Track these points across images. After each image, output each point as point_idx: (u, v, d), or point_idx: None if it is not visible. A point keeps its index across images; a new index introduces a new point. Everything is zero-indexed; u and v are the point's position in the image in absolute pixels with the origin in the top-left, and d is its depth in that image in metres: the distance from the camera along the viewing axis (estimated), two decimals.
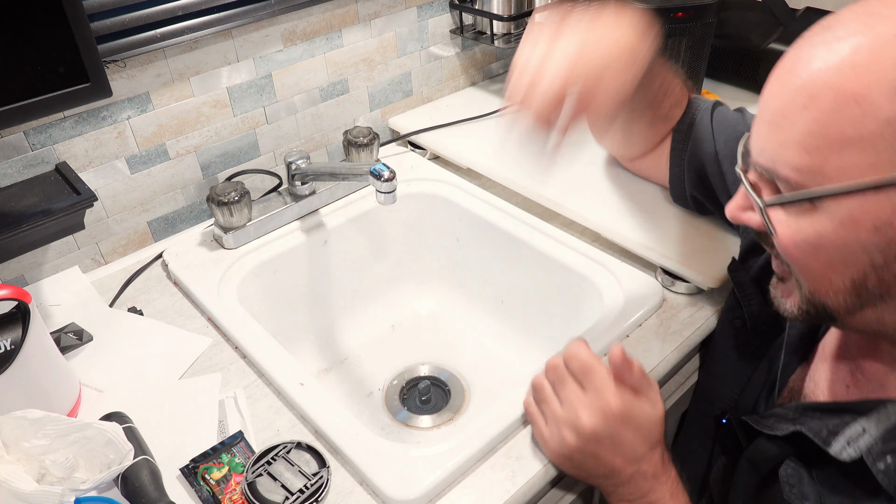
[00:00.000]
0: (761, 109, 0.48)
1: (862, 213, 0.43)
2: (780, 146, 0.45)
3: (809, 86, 0.43)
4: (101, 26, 0.76)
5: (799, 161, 0.44)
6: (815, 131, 0.43)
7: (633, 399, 0.58)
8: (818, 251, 0.47)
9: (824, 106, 0.42)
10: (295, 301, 0.94)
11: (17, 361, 0.58)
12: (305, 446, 0.61)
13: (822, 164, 0.44)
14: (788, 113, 0.45)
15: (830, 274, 0.47)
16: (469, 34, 1.13)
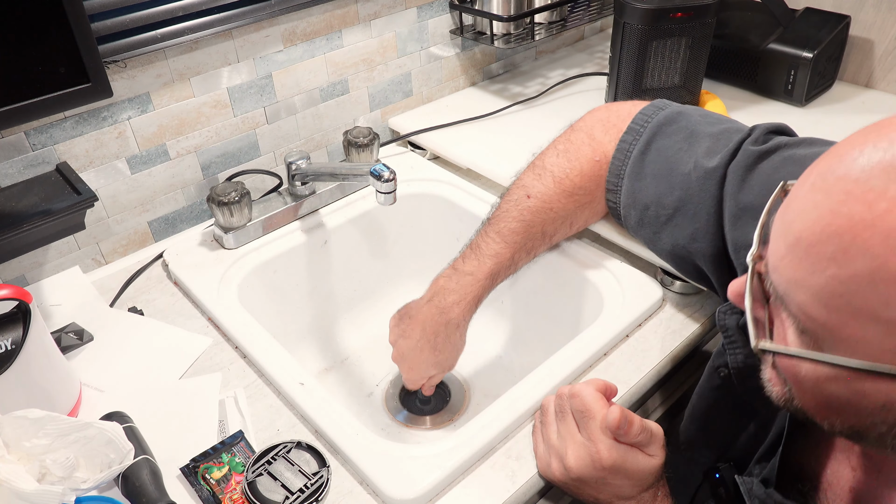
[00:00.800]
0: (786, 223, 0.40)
1: (874, 391, 0.38)
2: (795, 285, 0.39)
3: (847, 236, 0.35)
4: (101, 27, 0.76)
5: (814, 311, 0.38)
6: (840, 293, 0.36)
7: (627, 452, 0.56)
8: (817, 394, 0.42)
9: (857, 273, 0.35)
10: (295, 301, 0.94)
11: (17, 361, 0.58)
12: (305, 446, 0.61)
13: (839, 328, 0.37)
14: (813, 254, 0.37)
15: (829, 414, 0.42)
16: (469, 34, 1.13)
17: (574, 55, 1.32)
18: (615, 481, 0.57)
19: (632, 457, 0.56)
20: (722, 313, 0.59)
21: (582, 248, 0.85)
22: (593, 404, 0.57)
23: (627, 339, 0.74)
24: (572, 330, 0.83)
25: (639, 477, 0.57)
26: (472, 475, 0.61)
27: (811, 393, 0.42)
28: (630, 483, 0.57)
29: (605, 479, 0.57)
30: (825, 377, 0.39)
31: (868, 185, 0.35)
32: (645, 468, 0.57)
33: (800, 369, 0.41)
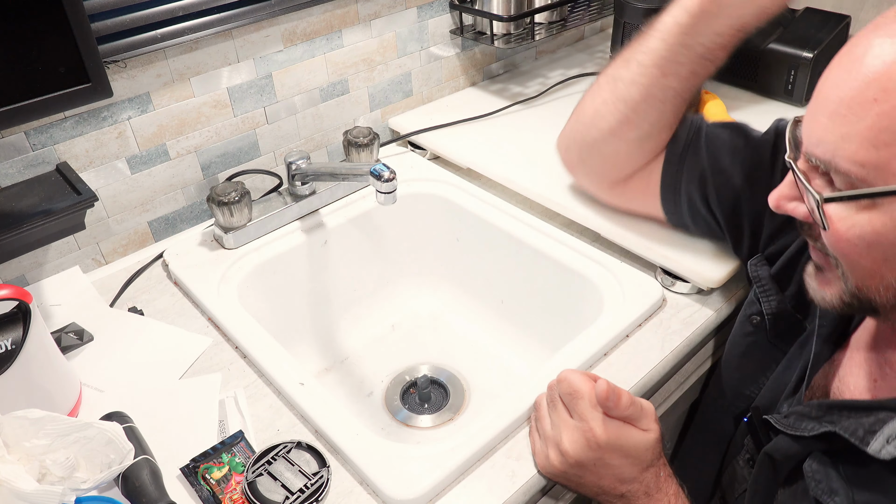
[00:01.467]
0: (821, 98, 0.46)
1: None
2: (842, 139, 0.44)
3: (883, 78, 0.41)
4: (101, 27, 0.76)
5: (864, 156, 0.43)
6: (887, 127, 0.41)
7: (620, 428, 0.56)
8: (873, 248, 0.45)
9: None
10: (295, 301, 0.94)
11: (17, 361, 0.58)
12: (305, 446, 0.61)
13: (888, 162, 0.42)
14: (856, 105, 0.43)
15: (883, 270, 0.46)
16: (469, 34, 1.13)
17: (574, 55, 1.32)
18: (613, 461, 0.56)
19: (626, 432, 0.56)
20: (754, 265, 0.66)
21: (582, 248, 0.85)
22: (580, 384, 0.58)
23: (627, 339, 0.74)
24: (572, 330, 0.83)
25: (636, 454, 0.57)
26: (472, 475, 0.61)
27: (866, 252, 0.46)
28: (629, 462, 0.57)
29: (603, 460, 0.56)
30: (880, 224, 0.44)
31: (890, 37, 0.42)
32: (640, 443, 0.57)
33: (854, 226, 0.45)
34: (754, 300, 0.67)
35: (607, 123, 0.75)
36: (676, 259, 0.78)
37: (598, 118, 0.76)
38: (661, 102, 0.71)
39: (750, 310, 0.69)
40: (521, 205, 0.94)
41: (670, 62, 0.68)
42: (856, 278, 0.48)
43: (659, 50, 0.68)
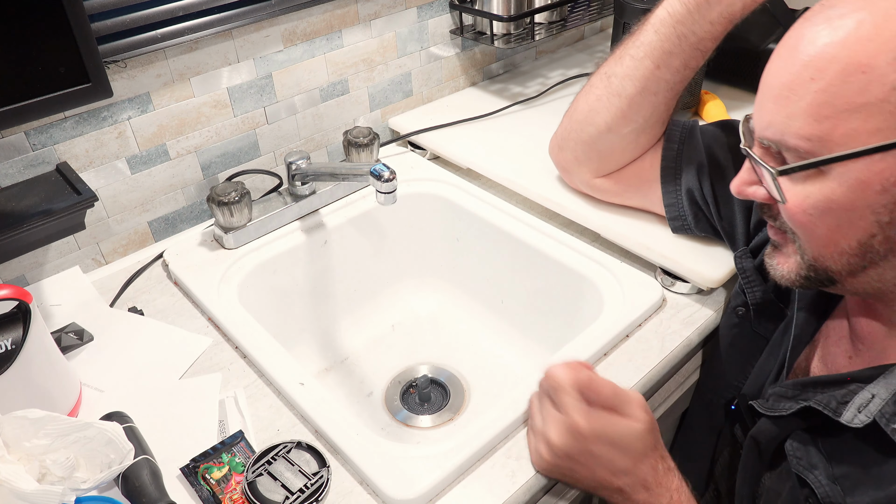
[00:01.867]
0: (765, 87, 0.51)
1: (870, 175, 0.46)
2: (788, 118, 0.48)
3: (816, 60, 0.47)
4: (101, 27, 0.76)
5: (808, 130, 0.47)
6: (824, 101, 0.46)
7: (605, 417, 0.56)
8: (826, 215, 0.49)
9: (832, 77, 0.46)
10: (295, 301, 0.94)
11: (17, 361, 0.58)
12: (305, 446, 0.61)
13: (830, 132, 0.47)
14: (796, 86, 0.48)
15: (837, 237, 0.50)
16: (469, 34, 1.13)
17: (574, 55, 1.32)
18: (602, 452, 0.56)
19: (610, 421, 0.56)
20: (739, 257, 0.70)
21: (582, 248, 0.85)
22: (561, 376, 0.58)
23: (627, 339, 0.74)
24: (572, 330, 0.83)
25: (624, 443, 0.56)
26: (472, 475, 0.61)
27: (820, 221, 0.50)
28: (618, 452, 0.56)
29: (590, 450, 0.56)
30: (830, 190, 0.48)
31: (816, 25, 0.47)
32: (627, 432, 0.56)
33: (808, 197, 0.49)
34: (739, 292, 0.70)
35: (602, 119, 0.77)
36: (676, 259, 0.78)
37: (592, 114, 0.77)
38: (654, 95, 0.73)
39: (735, 301, 0.72)
40: (521, 205, 0.94)
41: (664, 53, 0.70)
42: (812, 248, 0.52)
43: (652, 42, 0.71)
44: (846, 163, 0.47)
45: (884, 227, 0.48)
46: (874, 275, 0.51)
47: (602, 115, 0.77)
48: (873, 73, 0.45)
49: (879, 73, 0.44)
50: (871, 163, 0.46)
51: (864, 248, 0.50)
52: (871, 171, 0.46)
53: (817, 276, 0.54)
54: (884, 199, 0.47)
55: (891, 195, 0.47)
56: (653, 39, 0.71)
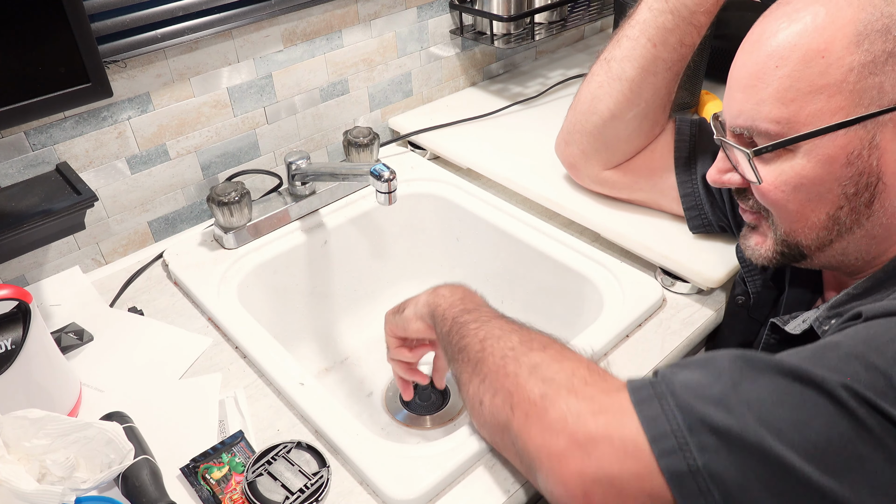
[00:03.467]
0: (733, 80, 0.56)
1: (835, 150, 0.51)
2: (757, 105, 0.53)
3: (779, 49, 0.52)
4: (101, 27, 0.76)
5: (776, 114, 0.52)
6: (789, 86, 0.51)
7: None
8: (797, 191, 0.54)
9: (794, 63, 0.51)
10: (295, 301, 0.94)
11: (17, 361, 0.58)
12: (305, 446, 0.61)
13: (797, 113, 0.51)
14: (762, 75, 0.52)
15: (807, 212, 0.55)
16: (469, 34, 1.13)
17: (574, 55, 1.32)
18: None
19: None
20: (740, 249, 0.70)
21: (582, 248, 0.85)
22: None
23: (627, 339, 0.74)
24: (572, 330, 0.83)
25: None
26: (471, 475, 0.61)
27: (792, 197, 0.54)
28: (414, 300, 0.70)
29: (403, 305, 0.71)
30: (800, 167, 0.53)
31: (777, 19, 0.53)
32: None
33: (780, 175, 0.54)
34: (739, 281, 0.73)
35: (605, 105, 0.78)
36: (676, 259, 0.78)
37: (595, 102, 0.79)
38: (654, 75, 0.74)
39: (735, 291, 0.74)
40: (521, 205, 0.94)
41: (658, 29, 0.72)
42: (785, 224, 0.57)
43: (647, 19, 0.73)
44: (813, 140, 0.51)
45: (850, 199, 0.53)
46: (839, 248, 0.56)
47: (605, 101, 0.77)
48: (831, 57, 0.49)
49: (837, 56, 0.49)
50: (835, 138, 0.51)
51: (832, 220, 0.54)
52: (836, 146, 0.51)
53: (790, 252, 0.58)
54: (849, 172, 0.52)
55: (855, 168, 0.51)
56: (647, 17, 0.73)
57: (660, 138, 0.82)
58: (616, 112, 0.77)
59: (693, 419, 0.44)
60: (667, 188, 0.82)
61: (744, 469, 0.42)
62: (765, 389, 0.44)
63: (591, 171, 0.85)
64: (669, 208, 0.83)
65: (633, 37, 0.74)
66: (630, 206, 0.87)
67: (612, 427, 0.46)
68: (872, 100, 0.50)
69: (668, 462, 0.44)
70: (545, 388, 0.51)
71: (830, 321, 0.55)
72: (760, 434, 0.42)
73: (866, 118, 0.50)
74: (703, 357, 0.49)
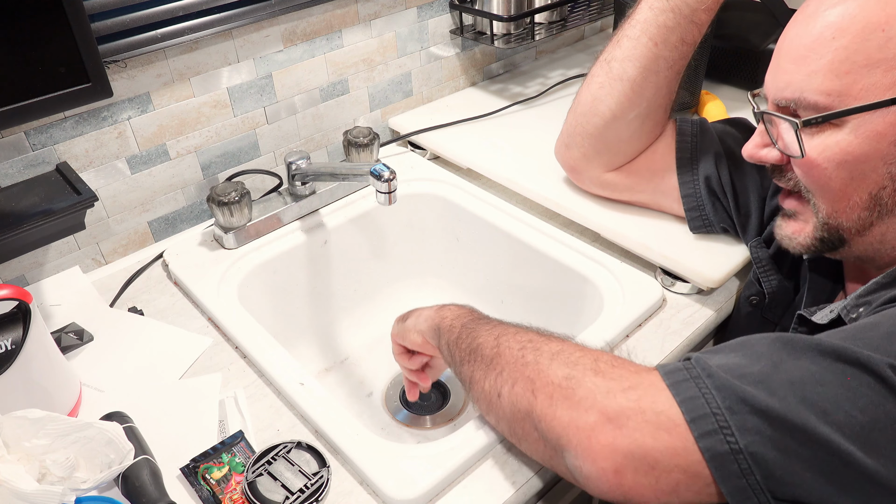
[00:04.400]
0: (783, 51, 0.54)
1: (885, 127, 0.50)
2: (808, 76, 0.52)
3: (838, 21, 0.50)
4: (101, 26, 0.76)
5: (829, 86, 0.51)
6: (845, 58, 0.50)
7: None
8: (840, 168, 0.53)
9: (853, 35, 0.49)
10: (295, 301, 0.94)
11: (17, 361, 0.58)
12: (305, 446, 0.61)
13: (850, 86, 0.50)
14: (817, 46, 0.51)
15: (850, 190, 0.53)
16: (469, 34, 1.13)
17: (574, 55, 1.32)
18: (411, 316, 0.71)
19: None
20: (754, 247, 0.71)
21: (582, 248, 0.85)
22: None
23: (627, 339, 0.74)
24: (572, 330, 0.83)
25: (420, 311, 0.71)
26: (472, 475, 0.61)
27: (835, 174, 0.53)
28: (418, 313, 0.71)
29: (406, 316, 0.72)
30: (846, 143, 0.51)
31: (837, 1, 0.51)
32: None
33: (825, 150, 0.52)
34: (753, 281, 0.72)
35: (606, 106, 0.77)
36: (676, 259, 0.78)
37: (596, 103, 0.78)
38: (655, 74, 0.74)
39: (748, 291, 0.74)
40: (521, 205, 0.94)
41: (660, 28, 0.71)
42: (827, 204, 0.55)
43: (648, 18, 0.72)
44: (864, 115, 0.50)
45: (894, 180, 0.51)
46: (878, 233, 0.55)
47: (606, 101, 0.77)
48: (892, 31, 0.48)
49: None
50: (886, 114, 0.50)
51: (874, 200, 0.53)
52: (886, 123, 0.50)
53: (829, 238, 0.57)
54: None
55: None
56: (648, 16, 0.72)
57: (660, 139, 0.81)
58: (618, 113, 0.76)
59: (733, 399, 0.43)
60: (668, 189, 0.81)
61: (787, 450, 0.42)
62: (807, 369, 0.43)
63: (592, 174, 0.85)
64: (670, 209, 0.83)
65: (633, 36, 0.73)
66: (630, 207, 0.87)
67: (645, 401, 0.46)
68: None
69: (708, 443, 0.43)
70: (569, 370, 0.50)
71: (859, 309, 0.54)
72: (804, 414, 0.41)
73: None
74: (736, 342, 0.48)
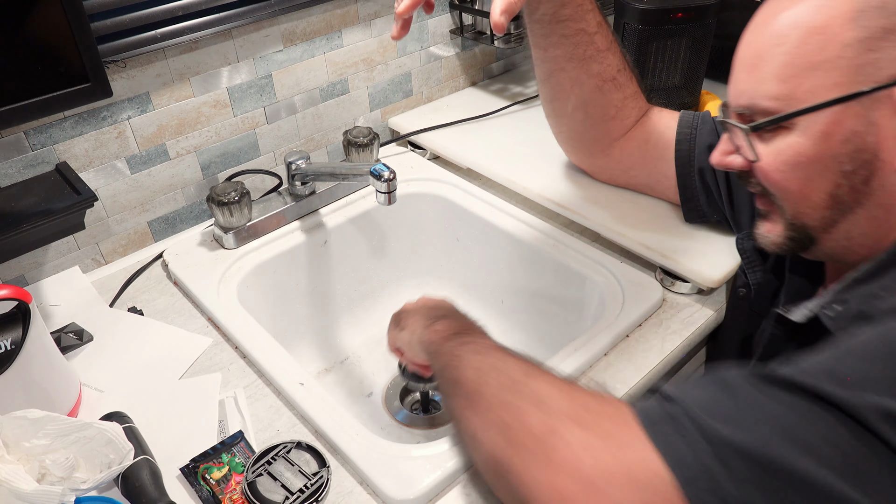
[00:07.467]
0: (737, 61, 0.57)
1: (832, 127, 0.51)
2: (758, 83, 0.54)
3: (781, 28, 0.53)
4: (101, 26, 0.76)
5: (776, 90, 0.53)
6: (788, 62, 0.52)
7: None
8: (797, 169, 0.54)
9: (794, 40, 0.52)
10: (295, 301, 0.94)
11: (17, 361, 0.58)
12: (305, 446, 0.61)
13: (795, 90, 0.52)
14: (763, 54, 0.53)
15: (809, 191, 0.55)
16: (469, 34, 1.13)
17: None
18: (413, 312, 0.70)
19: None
20: (740, 240, 0.72)
21: (582, 249, 0.85)
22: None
23: (627, 338, 0.74)
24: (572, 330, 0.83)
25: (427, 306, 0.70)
26: (472, 475, 0.61)
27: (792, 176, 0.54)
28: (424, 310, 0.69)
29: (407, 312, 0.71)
30: (797, 144, 0.53)
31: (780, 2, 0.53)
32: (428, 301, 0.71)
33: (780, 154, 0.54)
34: (741, 273, 0.73)
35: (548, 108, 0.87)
36: (676, 259, 0.78)
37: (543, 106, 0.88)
38: (562, 70, 0.81)
39: (737, 283, 0.75)
40: (521, 205, 0.94)
41: (539, 37, 0.80)
42: (789, 205, 0.57)
43: (531, 35, 0.81)
44: (810, 116, 0.52)
45: (848, 177, 0.52)
46: (843, 230, 0.56)
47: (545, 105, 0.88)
48: (829, 34, 0.50)
49: (834, 33, 0.50)
50: (832, 114, 0.51)
51: (833, 199, 0.54)
52: (832, 122, 0.51)
53: (798, 236, 0.58)
54: (846, 149, 0.51)
55: (852, 144, 0.51)
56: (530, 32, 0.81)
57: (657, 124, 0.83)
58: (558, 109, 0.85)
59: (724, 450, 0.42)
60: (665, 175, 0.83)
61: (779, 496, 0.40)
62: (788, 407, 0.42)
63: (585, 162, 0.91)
64: (664, 194, 0.85)
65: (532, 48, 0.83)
66: (630, 206, 0.87)
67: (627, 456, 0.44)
68: (869, 76, 0.50)
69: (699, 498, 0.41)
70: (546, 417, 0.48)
71: (836, 307, 0.54)
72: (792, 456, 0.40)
73: (862, 94, 0.50)
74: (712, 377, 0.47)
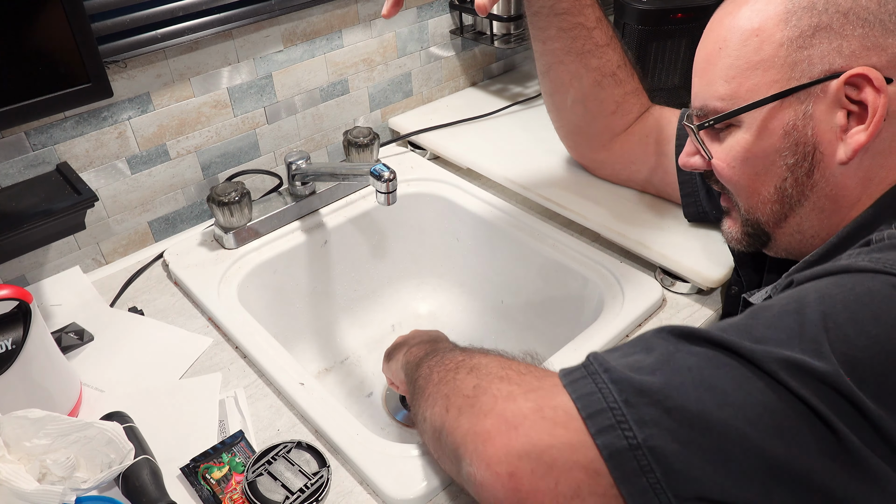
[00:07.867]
0: (694, 66, 0.61)
1: (772, 122, 0.55)
2: (708, 85, 0.58)
3: (724, 33, 0.57)
4: (101, 27, 0.77)
5: (722, 91, 0.57)
6: (731, 64, 0.56)
7: None
8: (745, 165, 0.58)
9: (734, 43, 0.56)
10: (295, 301, 0.94)
11: (18, 361, 0.58)
12: (306, 446, 0.61)
13: (738, 89, 0.56)
14: (711, 58, 0.58)
15: (757, 185, 0.58)
16: (469, 34, 1.13)
17: None
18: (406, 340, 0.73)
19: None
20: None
21: (582, 248, 0.85)
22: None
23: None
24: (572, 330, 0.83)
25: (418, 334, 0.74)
26: None
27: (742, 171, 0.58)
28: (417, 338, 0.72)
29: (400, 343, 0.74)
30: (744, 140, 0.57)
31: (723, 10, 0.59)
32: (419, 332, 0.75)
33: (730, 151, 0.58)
34: (734, 272, 0.74)
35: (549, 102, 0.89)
36: (676, 259, 0.78)
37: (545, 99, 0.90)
38: (560, 63, 0.82)
39: (730, 280, 0.76)
40: (521, 205, 0.94)
41: (538, 29, 0.81)
42: (743, 201, 0.60)
43: (530, 28, 0.82)
44: (752, 112, 0.55)
45: (791, 169, 0.56)
46: (794, 224, 0.59)
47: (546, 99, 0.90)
48: (764, 34, 0.54)
49: (769, 33, 0.54)
50: (771, 110, 0.55)
51: (780, 192, 0.57)
52: (772, 118, 0.55)
53: (754, 232, 0.61)
54: (787, 142, 0.55)
55: (792, 138, 0.55)
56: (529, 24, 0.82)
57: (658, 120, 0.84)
58: (558, 103, 0.87)
59: (630, 391, 0.42)
60: (666, 171, 0.83)
61: (686, 441, 0.40)
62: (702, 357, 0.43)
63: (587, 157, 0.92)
64: (664, 191, 0.86)
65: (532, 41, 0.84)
66: (630, 206, 0.87)
67: (543, 400, 0.45)
68: (804, 72, 0.53)
69: (606, 440, 0.41)
70: (479, 380, 0.50)
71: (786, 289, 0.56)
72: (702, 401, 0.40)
73: (798, 89, 0.53)
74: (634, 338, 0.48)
